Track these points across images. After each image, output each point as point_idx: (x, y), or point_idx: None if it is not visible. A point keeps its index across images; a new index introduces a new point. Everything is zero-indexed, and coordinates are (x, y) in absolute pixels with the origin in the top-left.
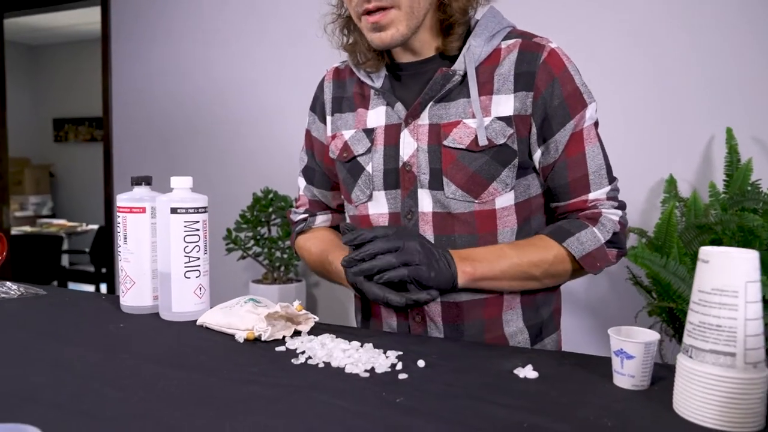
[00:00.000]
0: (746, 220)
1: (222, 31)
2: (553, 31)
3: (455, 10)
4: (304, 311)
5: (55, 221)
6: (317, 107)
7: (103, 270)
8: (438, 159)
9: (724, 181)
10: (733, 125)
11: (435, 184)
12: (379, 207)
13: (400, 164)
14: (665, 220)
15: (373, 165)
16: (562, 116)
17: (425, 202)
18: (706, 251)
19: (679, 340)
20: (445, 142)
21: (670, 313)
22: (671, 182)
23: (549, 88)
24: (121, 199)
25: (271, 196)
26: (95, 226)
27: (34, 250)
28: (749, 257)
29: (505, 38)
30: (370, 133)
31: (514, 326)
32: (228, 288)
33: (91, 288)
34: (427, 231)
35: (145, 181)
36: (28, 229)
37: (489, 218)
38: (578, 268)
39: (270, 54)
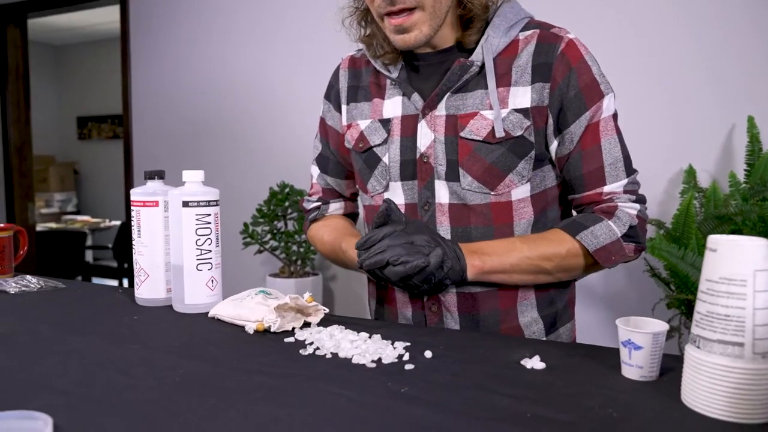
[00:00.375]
0: (767, 210)
1: (238, 27)
2: (569, 21)
3: (475, 6)
4: (314, 303)
5: (79, 217)
6: (332, 96)
7: (125, 265)
8: (454, 150)
9: (745, 170)
10: (754, 113)
11: (451, 176)
12: (395, 198)
13: (417, 155)
14: (683, 211)
15: (390, 156)
16: (577, 107)
17: (442, 193)
18: (713, 239)
19: None
20: (461, 134)
21: (688, 305)
22: (690, 173)
23: (566, 79)
24: (135, 193)
25: (287, 190)
26: (118, 222)
27: (59, 246)
28: (758, 245)
29: (523, 29)
30: (386, 123)
31: (529, 317)
32: (245, 282)
33: (114, 283)
34: (444, 222)
35: (158, 175)
36: (53, 225)
37: (505, 210)
38: (593, 262)
39: (285, 50)
